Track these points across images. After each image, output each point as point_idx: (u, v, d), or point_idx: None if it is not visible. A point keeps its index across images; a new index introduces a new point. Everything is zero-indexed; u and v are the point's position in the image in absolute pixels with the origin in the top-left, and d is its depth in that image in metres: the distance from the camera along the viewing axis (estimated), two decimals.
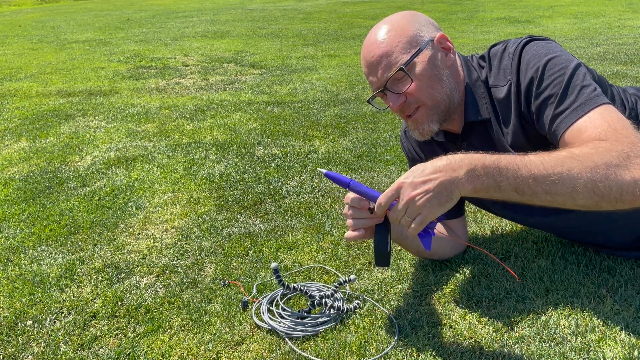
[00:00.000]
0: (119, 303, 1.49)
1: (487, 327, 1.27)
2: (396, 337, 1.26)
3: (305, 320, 1.33)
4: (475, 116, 1.30)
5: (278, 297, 1.44)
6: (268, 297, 1.44)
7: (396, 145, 2.69)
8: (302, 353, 1.23)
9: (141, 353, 1.28)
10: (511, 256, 1.57)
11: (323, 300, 1.36)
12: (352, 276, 1.45)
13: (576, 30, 6.34)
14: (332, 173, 1.17)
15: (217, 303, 1.45)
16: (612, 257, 1.50)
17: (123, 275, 1.64)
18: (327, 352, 1.23)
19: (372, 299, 1.42)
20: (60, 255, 1.78)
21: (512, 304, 1.34)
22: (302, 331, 1.30)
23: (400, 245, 1.49)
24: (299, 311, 1.37)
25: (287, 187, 2.24)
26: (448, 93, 1.26)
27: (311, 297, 1.41)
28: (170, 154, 2.73)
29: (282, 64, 5.15)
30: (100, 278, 1.63)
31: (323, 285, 1.50)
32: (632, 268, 1.45)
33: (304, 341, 1.28)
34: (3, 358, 1.31)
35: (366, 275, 1.54)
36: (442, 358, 1.19)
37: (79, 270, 1.68)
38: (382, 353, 1.22)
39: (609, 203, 0.98)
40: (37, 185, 2.41)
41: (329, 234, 1.81)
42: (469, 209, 1.89)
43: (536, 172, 0.99)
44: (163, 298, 1.50)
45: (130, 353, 1.29)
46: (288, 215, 1.98)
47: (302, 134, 2.96)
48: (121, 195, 2.25)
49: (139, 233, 1.91)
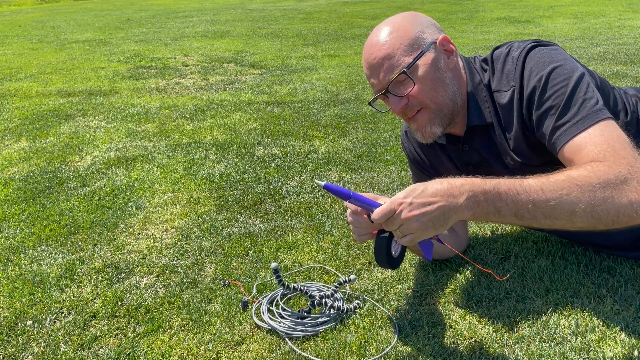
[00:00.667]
0: (119, 303, 1.49)
1: (487, 327, 1.27)
2: (396, 337, 1.26)
3: (305, 320, 1.33)
4: (478, 120, 1.29)
5: (278, 297, 1.44)
6: (268, 297, 1.44)
7: (396, 145, 2.69)
8: (302, 353, 1.23)
9: (141, 353, 1.29)
10: (511, 256, 1.57)
11: (323, 300, 1.36)
12: (352, 276, 1.45)
13: (576, 30, 6.34)
14: (332, 185, 1.11)
15: (217, 303, 1.45)
16: (612, 257, 1.50)
17: (123, 275, 1.64)
18: (327, 352, 1.23)
19: (372, 299, 1.42)
20: (60, 255, 1.78)
21: (512, 304, 1.34)
22: (302, 331, 1.30)
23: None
24: (299, 311, 1.37)
25: (287, 187, 2.24)
26: (451, 96, 1.25)
27: (311, 297, 1.41)
28: (170, 154, 2.73)
29: (282, 64, 5.15)
30: (100, 278, 1.63)
31: (323, 285, 1.50)
32: (632, 268, 1.45)
33: (304, 341, 1.28)
34: (3, 358, 1.31)
35: (366, 275, 1.55)
36: (442, 358, 1.19)
37: (79, 270, 1.68)
38: (382, 353, 1.22)
39: (606, 225, 1.00)
40: (37, 185, 2.41)
41: (329, 234, 1.81)
42: None
43: (535, 197, 0.99)
44: (163, 298, 1.50)
45: (130, 353, 1.29)
46: (288, 215, 1.98)
47: (302, 134, 2.96)
48: (121, 195, 2.25)
49: (139, 233, 1.91)
